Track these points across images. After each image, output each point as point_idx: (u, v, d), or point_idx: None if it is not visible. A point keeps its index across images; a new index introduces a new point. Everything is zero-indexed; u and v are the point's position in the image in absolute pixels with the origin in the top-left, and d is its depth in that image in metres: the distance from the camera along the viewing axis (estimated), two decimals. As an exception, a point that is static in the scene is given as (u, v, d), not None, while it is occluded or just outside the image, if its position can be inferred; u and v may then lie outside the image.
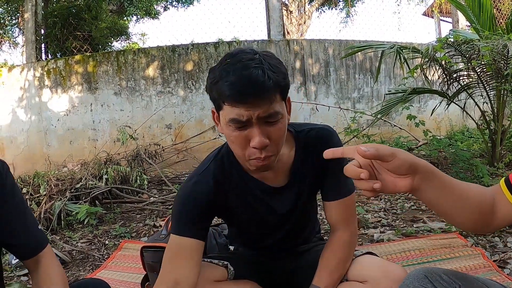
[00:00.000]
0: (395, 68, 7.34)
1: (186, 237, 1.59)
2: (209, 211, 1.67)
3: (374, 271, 1.66)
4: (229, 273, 1.80)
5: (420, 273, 1.51)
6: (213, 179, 1.65)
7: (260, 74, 1.38)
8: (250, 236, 1.96)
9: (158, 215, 4.36)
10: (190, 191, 1.66)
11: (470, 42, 4.26)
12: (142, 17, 13.11)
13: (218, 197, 1.67)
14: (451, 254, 2.77)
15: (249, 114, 1.40)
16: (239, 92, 1.38)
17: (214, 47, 7.31)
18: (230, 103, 1.42)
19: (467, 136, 7.46)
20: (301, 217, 1.85)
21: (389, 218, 3.70)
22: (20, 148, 7.34)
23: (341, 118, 7.28)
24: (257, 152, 1.47)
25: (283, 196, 1.74)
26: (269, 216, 1.76)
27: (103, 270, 3.10)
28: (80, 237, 3.90)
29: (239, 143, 1.48)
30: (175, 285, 1.52)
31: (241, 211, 1.75)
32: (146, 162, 5.94)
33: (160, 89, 7.20)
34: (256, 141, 1.43)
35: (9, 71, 7.40)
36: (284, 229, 1.84)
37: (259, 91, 1.38)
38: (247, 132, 1.45)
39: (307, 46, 7.63)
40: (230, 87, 1.39)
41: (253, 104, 1.39)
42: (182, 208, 1.64)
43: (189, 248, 1.59)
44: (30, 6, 7.76)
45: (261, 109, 1.40)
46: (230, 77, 1.39)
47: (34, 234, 1.55)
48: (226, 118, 1.46)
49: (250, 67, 1.39)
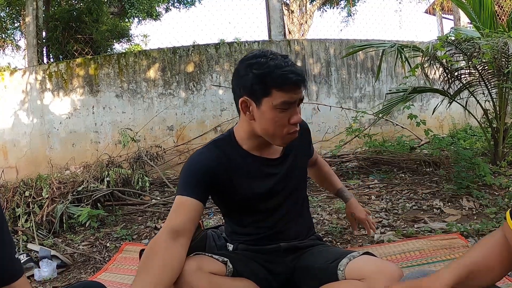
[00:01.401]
0: (396, 67, 7.34)
1: (186, 196, 1.81)
2: (210, 179, 1.87)
3: (371, 269, 1.72)
4: (227, 269, 1.83)
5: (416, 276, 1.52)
6: (215, 153, 1.92)
7: (300, 68, 1.82)
8: (248, 218, 2.06)
9: (159, 217, 4.35)
10: (195, 160, 1.92)
11: (470, 40, 4.24)
12: (144, 18, 13.14)
13: (220, 169, 1.90)
14: (451, 255, 2.75)
15: (297, 97, 1.79)
16: (297, 79, 1.76)
17: (215, 48, 7.31)
18: (284, 89, 1.75)
19: (469, 135, 7.44)
20: (294, 187, 2.09)
21: (390, 219, 3.69)
22: (23, 151, 7.37)
23: (343, 117, 7.29)
24: (294, 126, 1.83)
25: (278, 167, 2.03)
26: (266, 182, 1.99)
27: (104, 272, 3.11)
28: (81, 239, 3.91)
29: (282, 122, 1.81)
30: (173, 230, 1.73)
31: (241, 182, 1.95)
32: (148, 164, 5.94)
33: (162, 91, 7.21)
34: (297, 117, 1.82)
35: (11, 74, 7.43)
36: (281, 198, 2.04)
37: (304, 80, 1.80)
38: (289, 113, 1.80)
39: (308, 46, 7.64)
40: (288, 76, 1.74)
41: (300, 89, 1.79)
42: (186, 173, 1.89)
43: (188, 205, 1.80)
44: (31, 9, 7.80)
45: (301, 93, 1.81)
46: (287, 68, 1.76)
47: (12, 261, 1.41)
48: (274, 103, 1.77)
49: (291, 63, 1.79)
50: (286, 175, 2.03)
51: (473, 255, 1.38)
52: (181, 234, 1.75)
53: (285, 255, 2.04)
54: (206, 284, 1.70)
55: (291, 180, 2.05)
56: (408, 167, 5.17)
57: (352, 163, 5.65)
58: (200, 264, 1.75)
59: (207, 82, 7.26)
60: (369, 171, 5.32)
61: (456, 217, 3.58)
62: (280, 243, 2.04)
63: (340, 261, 1.81)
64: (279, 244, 2.03)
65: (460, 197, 4.01)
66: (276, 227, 2.04)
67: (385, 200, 4.20)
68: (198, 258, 1.79)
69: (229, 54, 7.31)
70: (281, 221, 2.05)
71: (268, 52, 1.83)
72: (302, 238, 2.11)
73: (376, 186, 4.69)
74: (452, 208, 3.81)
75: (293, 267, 2.02)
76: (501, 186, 4.17)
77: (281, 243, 2.03)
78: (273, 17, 7.60)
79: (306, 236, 2.14)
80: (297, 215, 2.11)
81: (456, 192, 4.11)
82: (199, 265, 1.74)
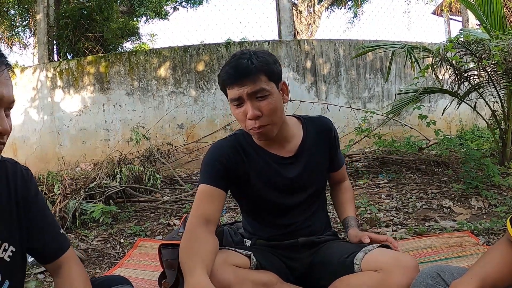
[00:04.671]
0: (405, 67, 7.34)
1: (210, 185, 1.91)
2: (228, 170, 1.96)
3: (387, 260, 1.76)
4: (251, 263, 1.88)
5: (433, 271, 1.55)
6: (234, 146, 2.02)
7: (244, 62, 1.83)
8: (264, 214, 2.13)
9: (172, 214, 4.40)
10: (214, 151, 2.01)
11: (480, 42, 4.26)
12: (152, 17, 13.18)
13: (238, 161, 1.99)
14: (462, 252, 2.78)
15: (240, 92, 1.83)
16: (230, 75, 1.84)
17: (225, 47, 7.35)
18: (227, 86, 1.88)
19: (477, 136, 7.46)
20: (310, 186, 2.11)
21: (401, 217, 3.72)
22: (33, 148, 7.43)
23: (352, 117, 7.31)
24: (252, 122, 1.85)
25: (292, 165, 2.06)
26: (281, 180, 2.04)
27: (119, 268, 3.13)
28: (95, 235, 3.95)
29: (240, 118, 1.89)
30: (204, 218, 1.84)
31: (257, 178, 2.03)
32: (159, 161, 5.97)
33: (172, 89, 7.25)
34: (249, 113, 1.83)
35: (22, 72, 7.49)
36: (296, 197, 2.09)
37: (244, 73, 1.81)
38: (244, 108, 1.85)
39: (318, 46, 7.66)
40: (226, 74, 1.86)
41: (242, 83, 1.82)
42: (207, 163, 1.98)
43: (213, 195, 1.91)
44: (42, 7, 7.85)
45: (248, 87, 1.81)
46: (227, 67, 1.87)
47: (56, 237, 1.56)
48: (229, 100, 1.90)
49: (240, 59, 1.85)
50: (301, 174, 2.06)
51: (485, 266, 1.42)
52: (211, 222, 1.85)
53: (302, 250, 2.08)
54: (232, 277, 1.74)
55: (305, 179, 2.08)
56: (417, 167, 5.20)
57: (361, 163, 5.69)
58: (225, 257, 1.79)
59: (217, 81, 7.27)
60: (378, 171, 5.35)
61: (466, 216, 3.61)
62: (298, 238, 2.08)
63: (356, 255, 1.85)
64: (297, 240, 2.08)
65: (469, 197, 4.04)
66: (292, 226, 2.09)
67: (395, 199, 4.23)
68: (223, 252, 1.83)
69: (239, 53, 7.33)
70: (297, 219, 2.09)
71: (238, 52, 1.94)
72: (318, 234, 2.15)
73: (386, 186, 4.73)
74: (461, 208, 3.84)
75: (310, 262, 2.06)
76: (509, 187, 4.19)
77: (298, 239, 2.08)
78: (283, 17, 7.62)
79: (322, 232, 2.18)
80: (313, 214, 2.15)
81: (465, 192, 4.14)
82: (225, 259, 1.78)
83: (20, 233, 1.46)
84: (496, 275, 1.39)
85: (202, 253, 1.70)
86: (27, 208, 1.47)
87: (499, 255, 1.42)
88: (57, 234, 1.57)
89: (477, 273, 1.40)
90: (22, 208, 1.46)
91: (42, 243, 1.52)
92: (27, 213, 1.47)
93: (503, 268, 1.39)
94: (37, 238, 1.50)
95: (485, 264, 1.43)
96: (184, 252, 1.71)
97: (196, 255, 1.68)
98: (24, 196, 1.47)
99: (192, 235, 1.78)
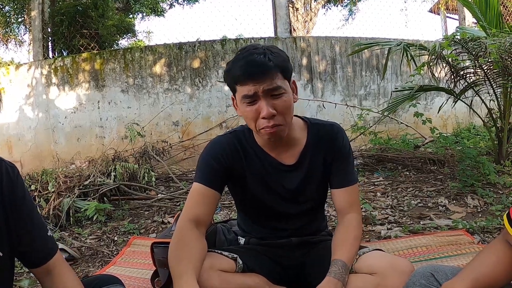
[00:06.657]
0: (401, 65, 7.35)
1: (204, 185, 1.87)
2: (225, 168, 1.92)
3: (383, 264, 1.74)
4: (237, 266, 1.86)
5: (426, 271, 1.54)
6: (232, 144, 1.96)
7: (262, 57, 1.73)
8: (261, 215, 2.09)
9: (166, 211, 4.38)
10: (211, 147, 1.98)
11: (477, 40, 4.25)
12: (148, 14, 13.15)
13: (234, 160, 1.94)
14: (457, 251, 2.78)
15: (255, 89, 1.73)
16: (246, 71, 1.73)
17: (220, 45, 7.32)
18: (241, 82, 1.76)
19: (473, 134, 7.46)
20: (309, 199, 2.04)
21: (396, 215, 3.72)
22: (28, 145, 7.39)
23: (348, 115, 7.29)
24: (265, 121, 1.76)
25: (292, 174, 1.97)
26: (278, 189, 1.98)
27: (112, 266, 3.12)
28: (89, 233, 3.92)
29: (252, 116, 1.78)
30: (196, 218, 1.81)
31: (254, 181, 1.97)
32: (154, 159, 5.95)
33: (167, 86, 7.22)
34: (264, 112, 1.74)
35: (16, 69, 7.45)
36: (293, 208, 2.02)
37: (262, 69, 1.72)
38: (257, 106, 1.76)
39: (314, 43, 7.64)
40: (240, 69, 1.74)
41: (258, 80, 1.72)
42: (203, 160, 1.94)
43: (207, 195, 1.86)
44: (37, 4, 7.81)
45: (265, 84, 1.72)
46: (240, 62, 1.76)
47: (45, 240, 1.51)
48: (239, 97, 1.79)
49: (254, 54, 1.75)
50: (300, 186, 1.98)
51: (479, 266, 1.42)
52: (201, 224, 1.83)
53: (296, 249, 2.06)
54: (217, 282, 1.74)
55: (305, 192, 2.01)
56: (413, 165, 5.19)
57: (357, 160, 5.67)
58: (212, 262, 1.78)
59: (213, 78, 7.26)
60: (374, 169, 5.34)
61: (461, 215, 3.60)
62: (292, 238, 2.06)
63: None
64: (291, 239, 2.06)
65: (465, 195, 4.04)
66: (288, 231, 2.07)
67: (390, 197, 4.22)
68: (210, 256, 1.82)
69: (235, 50, 7.29)
70: (292, 225, 2.06)
71: (247, 46, 1.85)
72: (313, 235, 2.13)
73: (381, 184, 4.72)
74: (457, 206, 3.84)
75: (303, 261, 2.05)
76: (505, 185, 4.20)
77: (292, 238, 2.06)
78: (279, 14, 7.60)
79: (317, 233, 2.16)
80: (310, 221, 2.12)
81: (461, 190, 4.14)
82: (211, 264, 1.77)
83: (8, 237, 1.42)
84: (490, 276, 1.37)
85: (190, 258, 1.68)
86: (15, 212, 1.42)
87: (493, 255, 1.40)
88: (45, 237, 1.52)
89: (469, 274, 1.39)
90: (10, 212, 1.41)
91: (30, 247, 1.48)
92: (15, 217, 1.43)
93: (497, 268, 1.38)
94: (25, 242, 1.46)
95: (479, 264, 1.42)
96: (173, 257, 1.69)
97: (184, 260, 1.66)
98: (12, 199, 1.42)
99: (180, 240, 1.75)
